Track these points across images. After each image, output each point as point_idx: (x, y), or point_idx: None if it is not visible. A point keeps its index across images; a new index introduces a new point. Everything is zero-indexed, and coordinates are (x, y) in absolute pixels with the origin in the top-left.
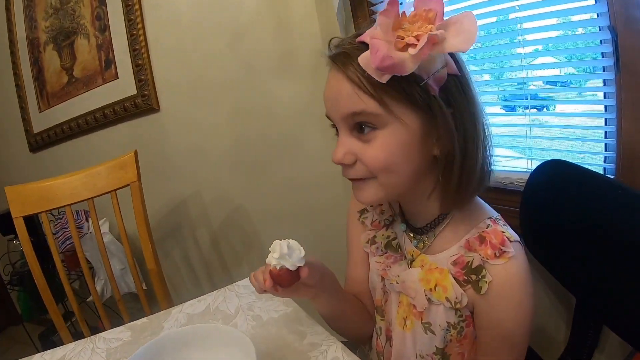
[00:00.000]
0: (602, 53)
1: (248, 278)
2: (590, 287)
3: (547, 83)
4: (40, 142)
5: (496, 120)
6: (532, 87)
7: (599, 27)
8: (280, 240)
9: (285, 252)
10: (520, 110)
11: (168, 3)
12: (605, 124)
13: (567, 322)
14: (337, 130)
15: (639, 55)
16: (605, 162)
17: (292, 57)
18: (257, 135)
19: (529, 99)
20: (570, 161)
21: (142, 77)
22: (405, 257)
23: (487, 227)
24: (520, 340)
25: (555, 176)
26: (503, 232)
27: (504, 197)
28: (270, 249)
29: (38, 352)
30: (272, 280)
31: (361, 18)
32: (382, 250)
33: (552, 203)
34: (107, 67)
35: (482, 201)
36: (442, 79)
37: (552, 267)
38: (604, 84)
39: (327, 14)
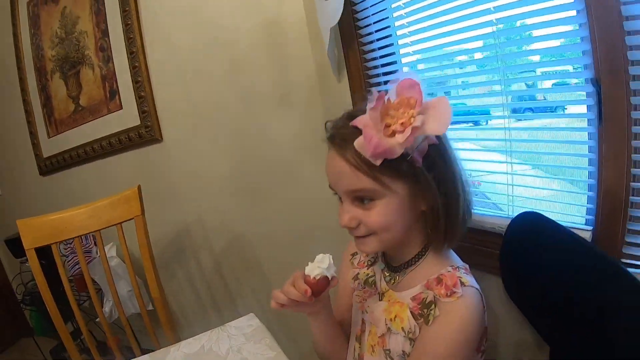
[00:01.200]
0: (588, 106)
1: (240, 320)
2: (560, 341)
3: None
4: (49, 166)
5: (480, 167)
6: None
7: (585, 79)
8: (323, 253)
9: (330, 264)
10: (503, 158)
11: (168, 37)
12: (589, 177)
13: None
14: (340, 197)
15: (621, 107)
16: (587, 213)
17: (287, 90)
18: (255, 164)
19: (510, 145)
20: (547, 215)
21: (145, 109)
22: (378, 292)
23: (447, 272)
24: None
25: (531, 229)
26: (459, 277)
27: (487, 239)
28: (316, 259)
29: None
30: (311, 289)
31: (352, 57)
32: (362, 286)
33: (528, 254)
34: (111, 98)
35: (453, 252)
36: (424, 151)
37: (528, 314)
38: (589, 137)
39: (321, 49)
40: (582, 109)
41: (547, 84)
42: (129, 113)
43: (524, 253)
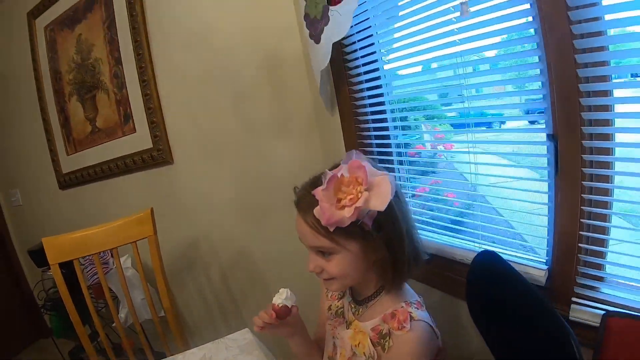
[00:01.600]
0: (548, 159)
1: (237, 333)
2: None
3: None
4: (68, 181)
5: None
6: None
7: (546, 134)
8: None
9: (289, 296)
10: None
11: (177, 68)
12: (547, 223)
13: None
14: None
15: (575, 161)
16: (545, 254)
17: (287, 120)
18: (258, 187)
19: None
20: (502, 255)
21: (157, 134)
22: (346, 322)
23: (400, 307)
24: None
25: (488, 266)
26: (410, 312)
27: (457, 268)
28: (279, 291)
29: None
30: (275, 314)
31: (343, 94)
32: (333, 316)
33: (483, 289)
34: (126, 121)
35: (409, 288)
36: (373, 216)
37: (486, 337)
38: (548, 188)
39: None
40: (543, 162)
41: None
42: (142, 136)
43: (481, 287)
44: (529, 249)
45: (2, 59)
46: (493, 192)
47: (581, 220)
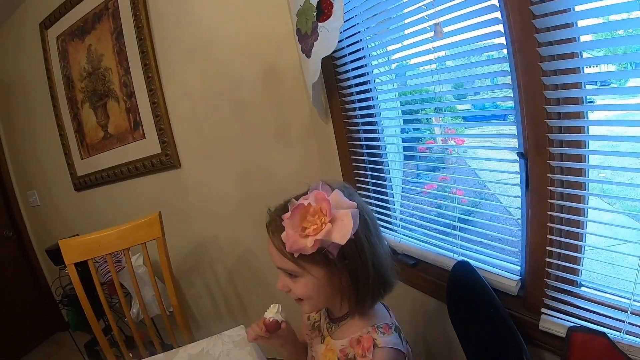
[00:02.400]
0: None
1: (232, 329)
2: None
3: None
4: (83, 183)
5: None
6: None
7: (517, 152)
8: (276, 303)
9: (280, 311)
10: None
11: (182, 79)
12: (520, 236)
13: None
14: None
15: (544, 179)
16: (519, 264)
17: (284, 127)
18: (259, 191)
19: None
20: (476, 264)
21: (165, 140)
22: (321, 336)
23: (366, 333)
24: None
25: (462, 275)
26: (375, 339)
27: (439, 273)
28: (270, 307)
29: (84, 358)
30: (265, 327)
31: (335, 103)
32: (310, 327)
33: (461, 293)
34: (135, 128)
35: (380, 310)
36: (338, 246)
37: (461, 343)
38: (521, 204)
39: None
40: (516, 178)
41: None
42: (150, 142)
43: (458, 294)
44: (504, 259)
45: (18, 67)
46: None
47: (549, 236)
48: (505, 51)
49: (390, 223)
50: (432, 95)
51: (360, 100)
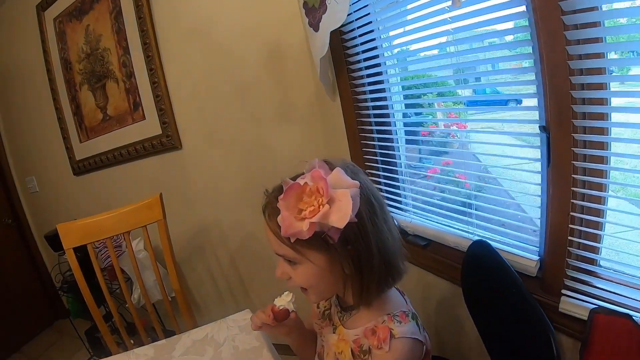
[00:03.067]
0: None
1: (237, 314)
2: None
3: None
4: (82, 167)
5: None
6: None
7: (539, 126)
8: (289, 292)
9: (293, 300)
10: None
11: (183, 58)
12: (540, 214)
13: None
14: None
15: (567, 155)
16: (538, 244)
17: (289, 108)
18: (262, 173)
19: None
20: (496, 243)
21: (166, 120)
22: (332, 324)
23: (382, 322)
24: None
25: (480, 254)
26: (391, 329)
27: (453, 254)
28: (283, 294)
29: (84, 345)
30: (273, 315)
31: (342, 82)
32: (320, 315)
33: (478, 275)
34: (135, 109)
35: (394, 296)
36: (339, 230)
37: (478, 327)
38: (541, 180)
39: None
40: (537, 153)
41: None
42: (151, 123)
43: (475, 276)
44: (522, 239)
45: (15, 51)
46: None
47: (572, 213)
48: (525, 20)
49: (400, 202)
50: (450, 71)
51: (369, 76)
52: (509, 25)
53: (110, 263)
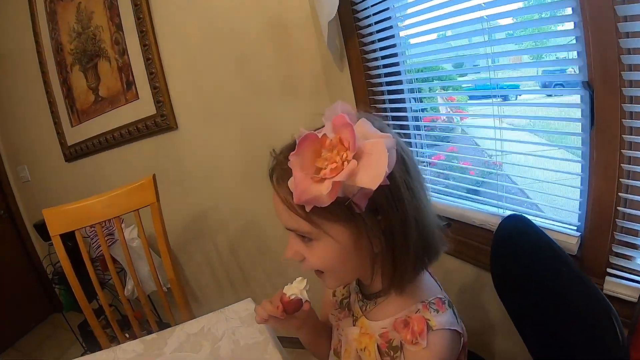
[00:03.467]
0: (582, 110)
1: (238, 303)
2: (536, 347)
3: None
4: (74, 153)
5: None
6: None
7: (579, 82)
8: (303, 278)
9: (307, 288)
10: (494, 156)
11: (179, 31)
12: (580, 183)
13: None
14: None
15: (614, 114)
16: (577, 219)
17: (293, 80)
18: (264, 154)
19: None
20: (532, 219)
21: (160, 99)
22: (353, 315)
23: (416, 312)
24: None
25: (516, 231)
26: (428, 320)
27: (479, 234)
28: (295, 280)
29: (78, 339)
30: (282, 307)
31: (352, 49)
32: (338, 305)
33: (514, 255)
34: (128, 88)
35: (427, 280)
36: (368, 194)
37: (512, 314)
38: (582, 143)
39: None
40: (577, 113)
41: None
42: (145, 103)
43: (509, 253)
44: (558, 213)
45: (4, 34)
46: (521, 149)
47: (620, 179)
48: None
49: None
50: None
51: (381, 40)
52: None
53: (101, 252)
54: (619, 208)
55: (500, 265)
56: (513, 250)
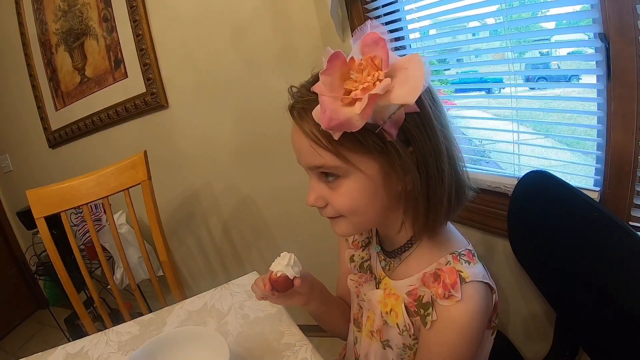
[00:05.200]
0: (597, 62)
1: (243, 277)
2: (567, 307)
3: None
4: (58, 138)
5: (485, 124)
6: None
7: (594, 33)
8: (288, 252)
9: (291, 263)
10: (510, 125)
11: (170, 4)
12: (597, 136)
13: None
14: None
15: (631, 65)
16: (595, 174)
17: (291, 53)
18: (260, 129)
19: (517, 114)
20: (555, 174)
21: (150, 76)
22: (375, 278)
23: (446, 264)
24: None
25: (539, 188)
26: (460, 271)
27: (492, 199)
28: (279, 256)
29: (64, 334)
30: (271, 285)
31: (356, 18)
32: (357, 270)
33: (536, 215)
34: (116, 67)
35: (454, 231)
36: (399, 121)
37: (534, 276)
38: (597, 95)
39: (325, 10)
40: (592, 65)
41: (561, 51)
42: (134, 81)
43: (532, 213)
44: (575, 168)
45: None
46: (532, 113)
47: None
48: None
49: None
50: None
51: (385, 5)
52: None
53: (88, 239)
54: (639, 157)
55: (521, 226)
56: (537, 209)
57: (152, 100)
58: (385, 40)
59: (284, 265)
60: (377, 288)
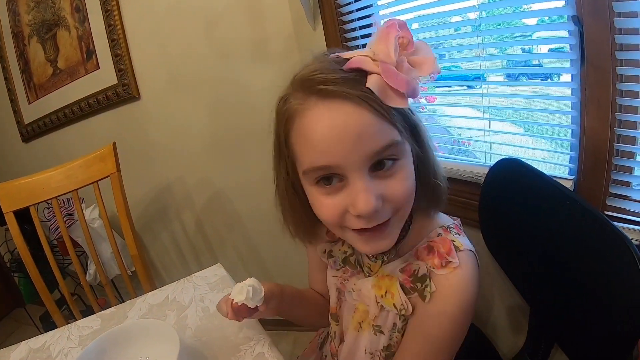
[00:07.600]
0: (570, 45)
1: (206, 270)
2: (540, 299)
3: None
4: (31, 132)
5: (456, 112)
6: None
7: (567, 16)
8: (242, 282)
9: (250, 296)
10: (480, 101)
11: None
12: (572, 122)
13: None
14: (328, 181)
15: (605, 49)
16: (569, 162)
17: (265, 44)
18: (234, 121)
19: (487, 90)
20: (526, 161)
21: (122, 67)
22: (363, 271)
23: (437, 236)
24: (444, 350)
25: (511, 177)
26: (453, 240)
27: (465, 189)
28: (233, 289)
29: (40, 332)
30: (234, 312)
31: (326, 4)
32: (339, 265)
33: (507, 204)
34: (88, 58)
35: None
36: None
37: (507, 269)
38: (571, 79)
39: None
40: (565, 48)
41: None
42: (105, 72)
43: (504, 202)
44: (549, 156)
45: None
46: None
47: (617, 114)
48: None
49: None
50: None
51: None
52: None
53: (60, 234)
54: (615, 145)
55: (492, 216)
56: (508, 198)
57: (124, 91)
58: (406, 23)
59: (242, 299)
60: (368, 276)
